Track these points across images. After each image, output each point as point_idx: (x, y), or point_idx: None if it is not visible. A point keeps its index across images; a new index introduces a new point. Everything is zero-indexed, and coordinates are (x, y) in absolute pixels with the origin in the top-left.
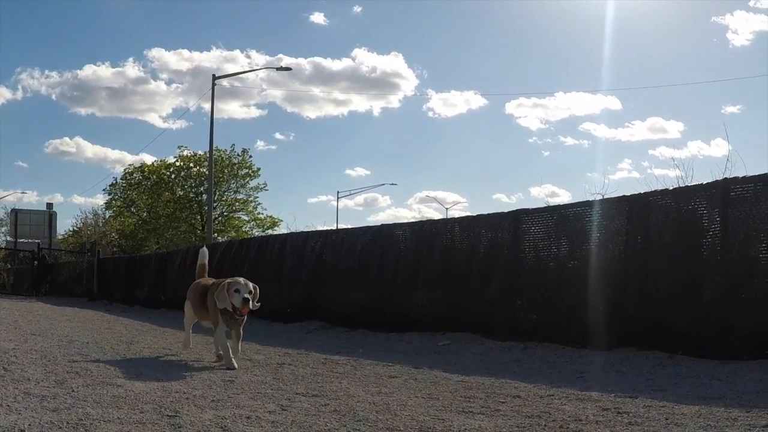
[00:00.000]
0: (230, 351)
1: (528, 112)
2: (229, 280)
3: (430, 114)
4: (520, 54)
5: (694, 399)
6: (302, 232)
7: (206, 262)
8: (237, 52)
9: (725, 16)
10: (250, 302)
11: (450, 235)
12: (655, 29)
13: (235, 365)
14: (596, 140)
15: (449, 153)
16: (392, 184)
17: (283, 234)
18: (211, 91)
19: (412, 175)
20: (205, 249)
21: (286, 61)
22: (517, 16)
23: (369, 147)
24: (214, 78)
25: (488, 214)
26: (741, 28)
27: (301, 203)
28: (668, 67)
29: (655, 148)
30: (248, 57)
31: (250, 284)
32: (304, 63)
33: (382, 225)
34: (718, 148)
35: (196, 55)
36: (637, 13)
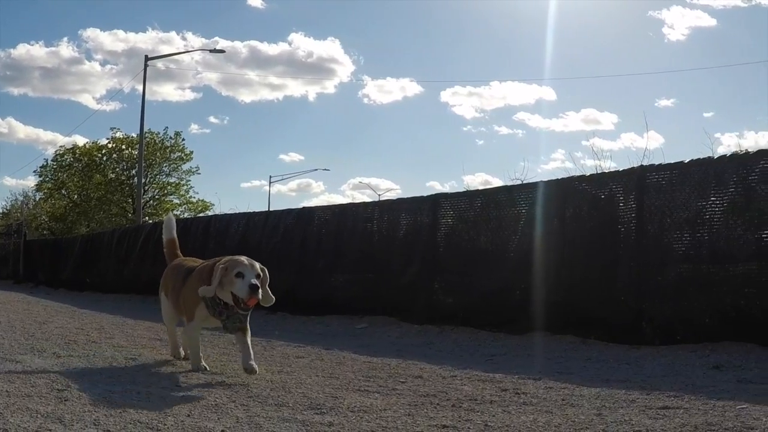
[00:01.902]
0: (201, 359)
1: (463, 101)
2: (225, 259)
3: (366, 100)
4: (456, 42)
5: (598, 382)
6: (226, 214)
7: (175, 235)
8: (173, 33)
9: (662, 11)
10: (260, 290)
11: (370, 218)
12: (592, 21)
13: (206, 366)
14: (530, 130)
15: (384, 140)
16: (325, 169)
17: (207, 216)
18: (144, 73)
19: (346, 161)
20: (171, 217)
21: (222, 44)
22: (454, 4)
23: (304, 132)
24: (147, 59)
25: (408, 198)
26: (677, 23)
27: (235, 188)
28: (604, 60)
29: (589, 139)
30: (184, 39)
31: (257, 265)
32: (241, 46)
33: (304, 207)
34: (652, 140)
35: (131, 36)
36: (575, 5)
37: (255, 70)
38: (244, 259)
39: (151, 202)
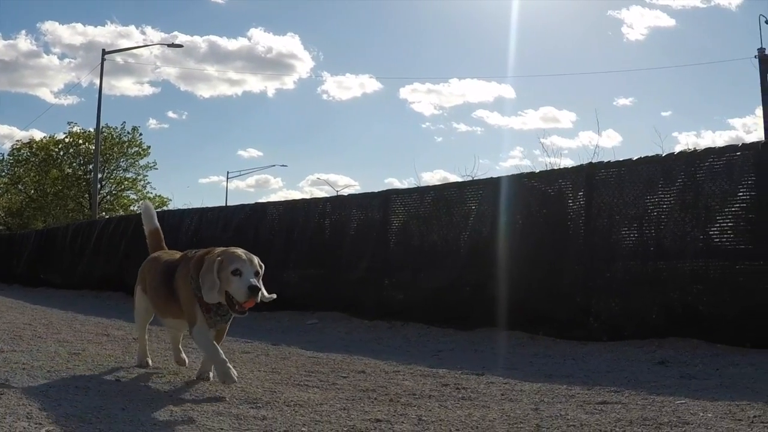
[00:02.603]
0: (227, 361)
1: (422, 98)
2: (219, 251)
3: (325, 97)
4: (416, 39)
5: (540, 377)
6: (178, 209)
7: (157, 224)
8: (132, 27)
9: (621, 11)
10: (260, 292)
11: (322, 214)
12: (552, 20)
13: (234, 377)
14: (489, 128)
15: (343, 136)
16: (282, 165)
17: (160, 211)
18: (101, 67)
19: (305, 157)
20: (149, 204)
21: (182, 38)
22: (414, 1)
23: (262, 128)
24: (104, 53)
25: (359, 194)
26: (636, 22)
27: (192, 183)
28: (563, 58)
29: (547, 137)
30: (143, 33)
31: (256, 259)
32: (200, 41)
33: (257, 203)
34: (609, 139)
35: (90, 29)
36: (535, 3)
37: (214, 65)
38: (241, 252)
39: (108, 197)
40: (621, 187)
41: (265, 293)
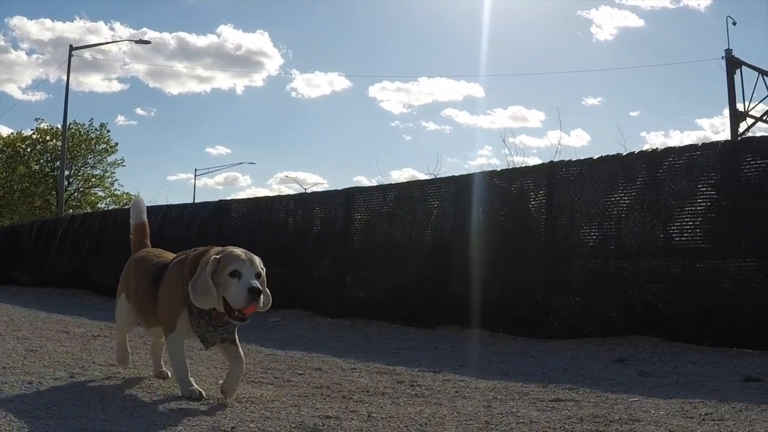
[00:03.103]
0: (188, 375)
1: (391, 96)
2: (216, 251)
3: (294, 94)
4: (385, 37)
5: (497, 374)
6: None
7: (145, 219)
8: (101, 23)
9: (590, 11)
10: (262, 295)
11: (285, 211)
12: (521, 19)
13: (202, 394)
14: (458, 126)
15: (311, 134)
16: (251, 163)
17: (125, 208)
18: (68, 63)
19: (273, 154)
20: (141, 198)
21: (151, 35)
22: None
23: (231, 125)
24: (71, 49)
25: (322, 192)
26: (605, 23)
27: (161, 180)
28: (532, 58)
29: (516, 136)
30: (112, 29)
31: (257, 260)
32: (169, 38)
33: (221, 200)
34: (578, 138)
35: (58, 25)
36: (504, 3)
37: (183, 62)
38: (240, 252)
39: (75, 194)
40: (582, 186)
41: (269, 297)
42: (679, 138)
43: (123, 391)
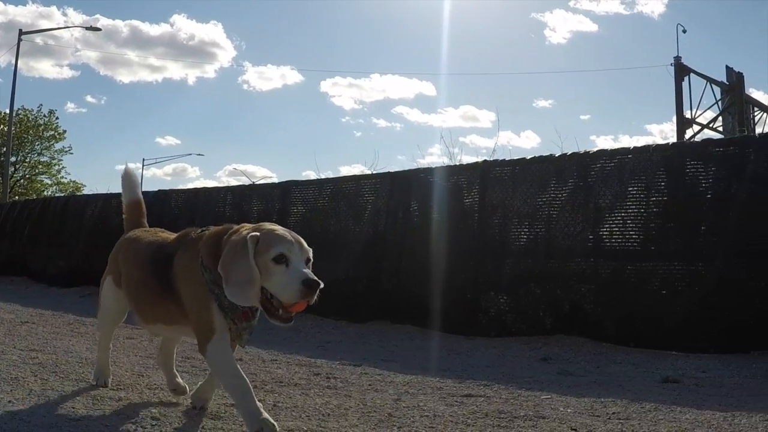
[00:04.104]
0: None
1: (343, 92)
2: (249, 228)
3: (245, 87)
4: (339, 33)
5: (417, 369)
6: (83, 195)
7: (140, 194)
8: (54, 8)
9: (545, 14)
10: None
11: (222, 203)
12: (475, 20)
13: (267, 418)
14: (409, 124)
15: (262, 127)
16: (199, 154)
17: (65, 196)
18: (17, 47)
19: (223, 147)
20: (131, 171)
21: (104, 22)
22: None
23: (181, 116)
24: (21, 33)
25: (259, 184)
26: (559, 26)
27: (109, 169)
28: (485, 58)
29: (467, 136)
30: (65, 15)
31: (304, 242)
32: (122, 25)
33: (159, 190)
34: (528, 140)
35: (10, 8)
36: (458, 2)
37: (135, 51)
38: (283, 230)
39: (22, 181)
40: (515, 186)
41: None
42: (629, 143)
43: (36, 375)
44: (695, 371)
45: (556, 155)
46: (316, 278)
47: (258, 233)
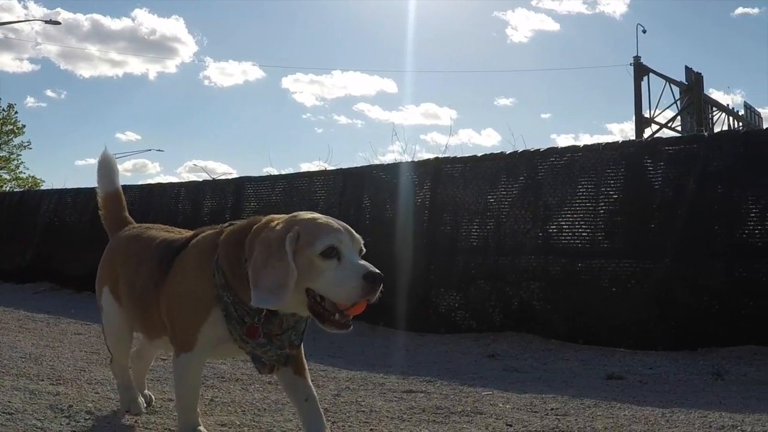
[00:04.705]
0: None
1: (304, 88)
2: (283, 221)
3: (207, 82)
4: (300, 29)
5: (363, 366)
6: (39, 190)
7: (118, 185)
8: (14, 1)
9: (507, 13)
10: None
11: (176, 199)
12: (437, 17)
13: None
14: (370, 121)
15: (223, 123)
16: (159, 150)
17: (20, 192)
18: None
19: (184, 143)
20: (109, 157)
21: (65, 15)
22: None
23: (142, 111)
24: None
25: (213, 180)
26: (521, 25)
27: (69, 165)
28: (447, 56)
29: (427, 134)
30: (25, 8)
31: (354, 233)
32: (83, 19)
33: None
34: (488, 137)
35: None
36: (421, 0)
37: (96, 45)
38: (328, 219)
39: None
40: (465, 183)
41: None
42: (589, 142)
43: None
44: (642, 368)
45: (507, 153)
46: (377, 270)
47: (297, 227)
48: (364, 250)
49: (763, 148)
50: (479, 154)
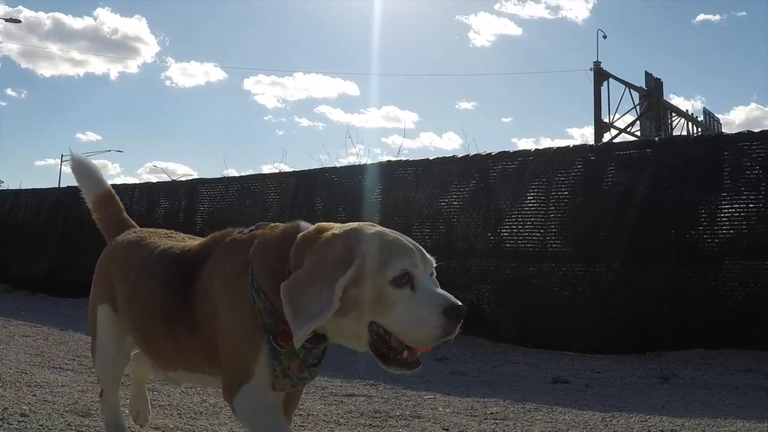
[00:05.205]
0: None
1: (266, 90)
2: (344, 233)
3: (168, 83)
4: (263, 31)
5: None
6: None
7: (107, 185)
8: None
9: (470, 17)
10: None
11: (130, 200)
12: (399, 20)
13: None
14: (331, 123)
15: (184, 124)
16: (118, 151)
17: None
18: None
19: (145, 144)
20: (80, 157)
21: (26, 13)
22: None
23: (103, 112)
24: None
25: (167, 182)
26: (483, 29)
27: (28, 165)
28: (409, 59)
29: (389, 137)
30: None
31: (426, 252)
32: (44, 17)
33: (68, 187)
34: (450, 141)
35: None
36: (383, 3)
37: (57, 44)
38: (398, 236)
39: None
40: (417, 186)
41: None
42: (550, 146)
43: None
44: (589, 372)
45: (459, 156)
46: (459, 302)
47: (362, 246)
48: (435, 273)
49: (713, 153)
50: (431, 158)
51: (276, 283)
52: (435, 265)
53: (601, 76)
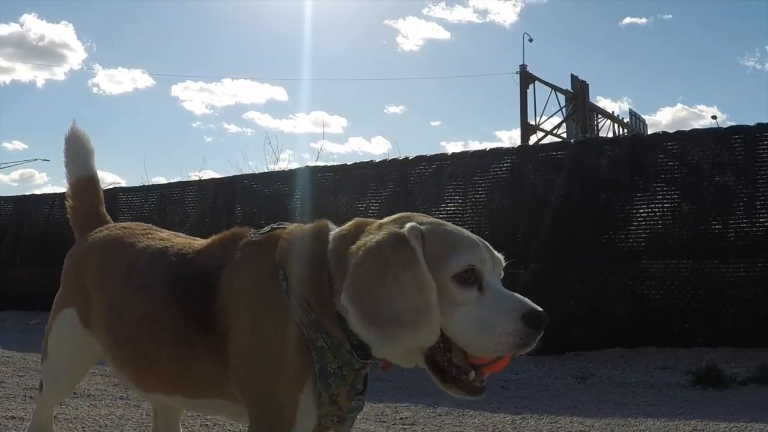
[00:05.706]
0: None
1: (194, 96)
2: (392, 220)
3: (95, 90)
4: (191, 37)
5: None
6: None
7: (94, 167)
8: None
9: (398, 21)
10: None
11: (51, 210)
12: (327, 24)
13: None
14: (260, 129)
15: (112, 132)
16: (44, 159)
17: None
18: None
19: None
20: (78, 131)
21: None
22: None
23: (29, 120)
24: None
25: None
26: (412, 33)
27: None
28: (338, 63)
29: (317, 142)
30: None
31: (494, 250)
32: None
33: None
34: (378, 145)
35: None
36: (311, 6)
37: None
38: (455, 227)
39: None
40: (336, 191)
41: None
42: (479, 149)
43: None
44: (507, 373)
45: (376, 161)
46: (539, 307)
47: (420, 227)
48: (503, 275)
49: (629, 154)
50: (349, 163)
51: (318, 293)
52: (504, 265)
53: (527, 79)
